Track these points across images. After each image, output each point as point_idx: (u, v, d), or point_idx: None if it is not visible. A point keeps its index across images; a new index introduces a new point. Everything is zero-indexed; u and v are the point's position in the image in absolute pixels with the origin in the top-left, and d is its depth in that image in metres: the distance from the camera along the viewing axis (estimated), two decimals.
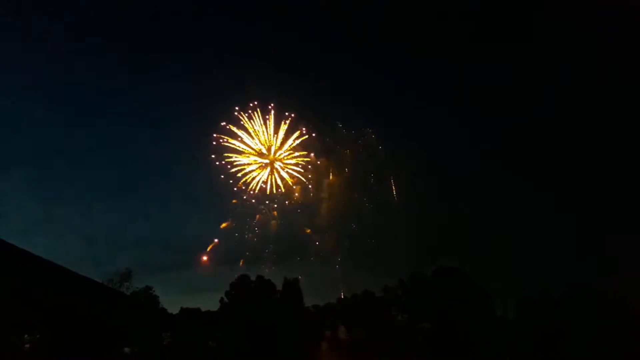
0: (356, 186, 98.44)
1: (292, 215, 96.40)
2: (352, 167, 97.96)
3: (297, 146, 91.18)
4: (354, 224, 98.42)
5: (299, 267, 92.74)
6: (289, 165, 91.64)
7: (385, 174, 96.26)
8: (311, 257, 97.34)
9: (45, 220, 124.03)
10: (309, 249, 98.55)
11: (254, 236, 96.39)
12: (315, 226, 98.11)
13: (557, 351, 48.78)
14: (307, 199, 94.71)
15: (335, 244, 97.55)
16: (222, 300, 67.89)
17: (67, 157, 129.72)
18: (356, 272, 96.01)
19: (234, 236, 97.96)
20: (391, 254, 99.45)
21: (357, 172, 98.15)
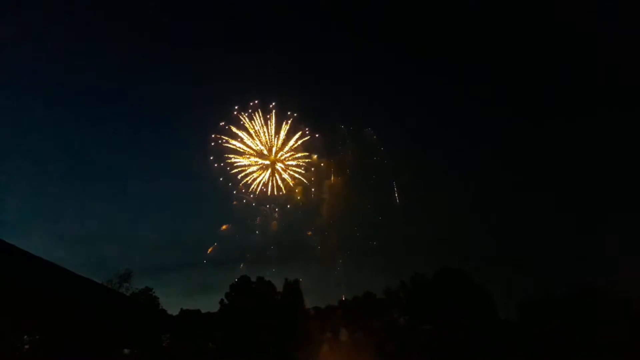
0: (357, 187, 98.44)
1: (293, 216, 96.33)
2: (353, 168, 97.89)
3: (298, 147, 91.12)
4: (356, 226, 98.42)
5: (299, 268, 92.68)
6: (290, 166, 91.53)
7: (386, 174, 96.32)
8: (312, 258, 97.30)
9: (44, 220, 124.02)
10: (310, 250, 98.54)
11: (254, 238, 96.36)
12: (316, 227, 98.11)
13: (558, 352, 48.68)
14: (308, 200, 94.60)
15: (336, 246, 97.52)
16: (222, 301, 67.71)
17: (67, 157, 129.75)
18: (357, 273, 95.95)
19: (234, 237, 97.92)
20: (393, 256, 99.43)
21: (358, 173, 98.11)
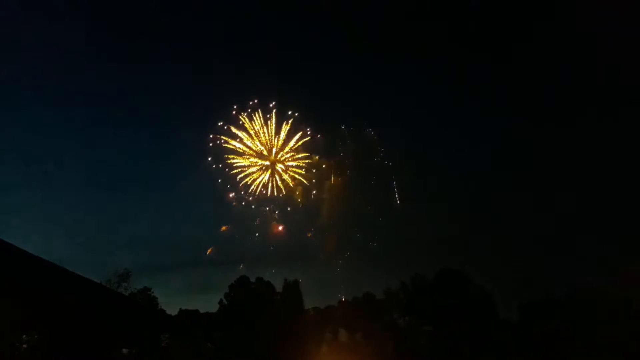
0: (358, 188, 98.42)
1: (293, 217, 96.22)
2: (353, 169, 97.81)
3: (299, 147, 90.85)
4: (356, 226, 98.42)
5: (299, 269, 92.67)
6: (290, 167, 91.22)
7: (386, 174, 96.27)
8: (312, 259, 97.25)
9: (43, 220, 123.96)
10: (309, 251, 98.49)
11: (254, 238, 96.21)
12: (316, 228, 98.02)
13: (558, 352, 48.62)
14: (308, 201, 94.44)
15: (336, 246, 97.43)
16: (221, 301, 67.52)
17: (66, 158, 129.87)
18: (357, 274, 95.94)
19: (233, 238, 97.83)
20: (393, 256, 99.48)
21: (358, 174, 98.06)
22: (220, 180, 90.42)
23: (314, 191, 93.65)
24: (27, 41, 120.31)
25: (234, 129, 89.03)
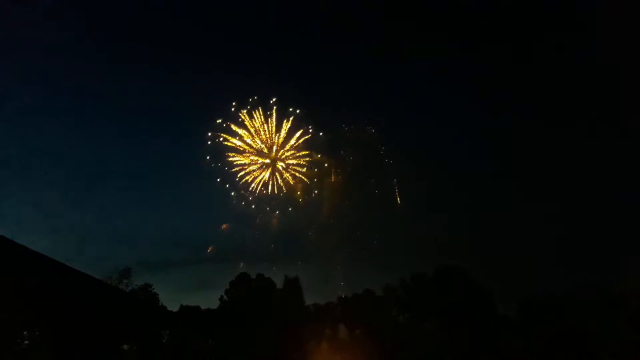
0: (358, 185, 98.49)
1: (294, 214, 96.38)
2: (354, 166, 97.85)
3: (300, 145, 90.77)
4: (356, 224, 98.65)
5: (300, 265, 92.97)
6: (291, 165, 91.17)
7: (386, 169, 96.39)
8: (312, 256, 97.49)
9: (44, 217, 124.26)
10: (310, 248, 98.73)
11: (254, 236, 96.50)
12: (317, 225, 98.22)
13: (558, 351, 48.75)
14: (309, 199, 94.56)
15: (336, 243, 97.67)
16: (222, 298, 67.77)
17: (67, 157, 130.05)
18: (357, 271, 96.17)
19: (234, 235, 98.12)
20: (393, 253, 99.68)
21: (359, 171, 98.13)
22: (219, 179, 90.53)
23: (314, 189, 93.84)
24: (26, 40, 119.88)
25: (233, 127, 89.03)
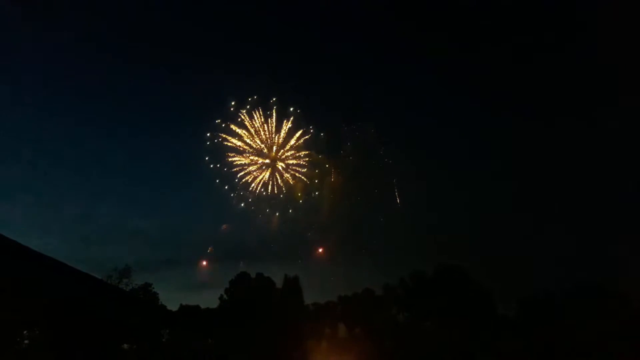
0: (358, 185, 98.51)
1: (294, 214, 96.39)
2: (354, 166, 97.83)
3: (300, 145, 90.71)
4: (356, 223, 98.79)
5: (299, 265, 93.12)
6: (291, 165, 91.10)
7: (386, 169, 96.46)
8: (312, 255, 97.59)
9: (45, 217, 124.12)
10: (310, 247, 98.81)
11: (254, 235, 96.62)
12: (316, 225, 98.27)
13: (558, 351, 48.82)
14: (309, 199, 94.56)
15: (336, 243, 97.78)
16: (221, 297, 67.84)
17: (67, 157, 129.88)
18: (357, 270, 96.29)
19: (234, 235, 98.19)
20: (392, 253, 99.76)
21: (359, 171, 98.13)
22: (219, 179, 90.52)
23: (314, 189, 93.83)
24: (26, 40, 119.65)
25: (233, 127, 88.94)
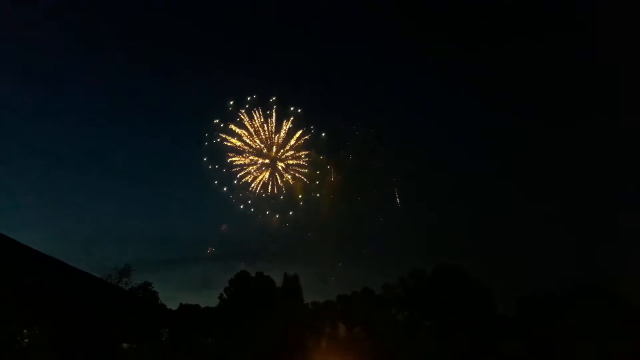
0: (358, 185, 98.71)
1: (293, 213, 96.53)
2: (354, 167, 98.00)
3: (299, 145, 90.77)
4: (356, 223, 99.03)
5: (299, 264, 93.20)
6: (291, 165, 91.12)
7: (387, 172, 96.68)
8: (312, 254, 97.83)
9: (45, 217, 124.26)
10: (310, 246, 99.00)
11: (254, 235, 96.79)
12: (316, 225, 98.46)
13: (558, 350, 48.92)
14: (309, 198, 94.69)
15: (336, 242, 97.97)
16: (221, 296, 67.89)
17: (68, 157, 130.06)
18: (357, 269, 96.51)
19: (234, 234, 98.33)
20: (392, 252, 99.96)
21: (359, 172, 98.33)
22: (219, 179, 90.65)
23: (315, 189, 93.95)
24: (26, 40, 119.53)
25: (233, 127, 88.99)
